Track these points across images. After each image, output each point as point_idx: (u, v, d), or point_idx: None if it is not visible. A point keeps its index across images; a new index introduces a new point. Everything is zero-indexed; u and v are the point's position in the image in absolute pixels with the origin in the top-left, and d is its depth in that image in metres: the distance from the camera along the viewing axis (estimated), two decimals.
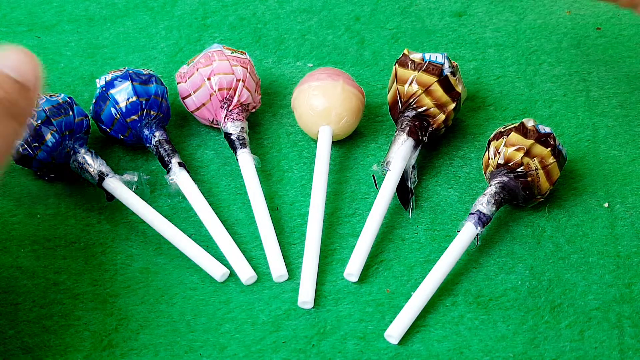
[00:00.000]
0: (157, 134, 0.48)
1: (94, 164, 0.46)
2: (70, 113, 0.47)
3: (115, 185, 0.46)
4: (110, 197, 0.46)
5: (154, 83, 0.48)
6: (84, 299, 0.43)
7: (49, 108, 0.46)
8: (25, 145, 0.45)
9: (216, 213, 0.47)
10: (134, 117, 0.47)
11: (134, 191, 0.46)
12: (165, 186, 0.48)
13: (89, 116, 0.49)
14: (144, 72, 0.49)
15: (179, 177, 0.46)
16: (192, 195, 0.46)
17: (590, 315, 0.42)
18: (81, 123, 0.47)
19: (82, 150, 0.47)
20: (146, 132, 0.48)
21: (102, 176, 0.46)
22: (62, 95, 0.47)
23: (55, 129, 0.45)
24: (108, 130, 0.48)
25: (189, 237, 0.44)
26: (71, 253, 0.45)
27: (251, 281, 0.43)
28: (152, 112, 0.48)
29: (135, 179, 0.47)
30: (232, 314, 0.42)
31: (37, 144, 0.45)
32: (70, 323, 0.42)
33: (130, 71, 0.48)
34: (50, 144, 0.45)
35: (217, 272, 0.43)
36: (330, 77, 0.49)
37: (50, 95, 0.47)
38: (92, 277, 0.44)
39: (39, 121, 0.45)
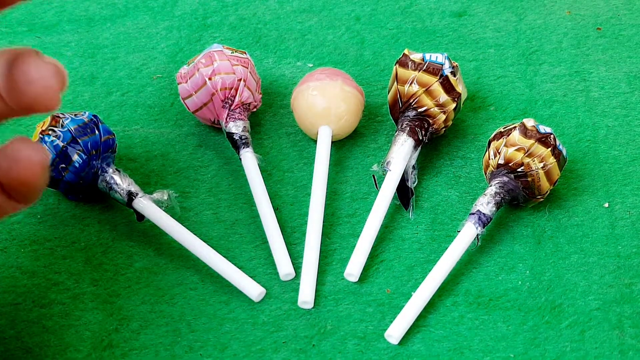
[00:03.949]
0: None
1: (122, 184, 0.45)
2: (96, 132, 0.45)
3: (145, 204, 0.45)
4: (141, 216, 0.45)
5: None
6: (84, 299, 0.43)
7: (74, 128, 0.45)
8: (53, 167, 0.44)
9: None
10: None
11: (164, 210, 0.45)
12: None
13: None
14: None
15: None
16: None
17: (591, 316, 0.42)
18: (107, 142, 0.46)
19: (110, 170, 0.45)
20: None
21: (131, 196, 0.45)
22: (87, 113, 0.46)
23: (81, 149, 0.44)
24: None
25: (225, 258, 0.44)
26: (71, 253, 0.45)
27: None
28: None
29: (165, 197, 0.45)
30: (232, 314, 0.42)
31: (64, 165, 0.44)
32: (70, 323, 0.42)
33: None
34: (77, 164, 0.44)
35: (254, 292, 0.42)
36: (329, 77, 0.49)
37: (75, 115, 0.46)
38: (92, 277, 0.44)
39: (65, 142, 0.44)
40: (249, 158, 0.48)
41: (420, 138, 0.48)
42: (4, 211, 0.30)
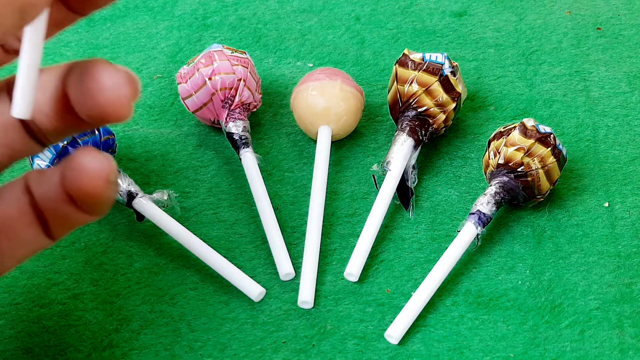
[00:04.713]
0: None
1: (122, 184, 0.45)
2: (96, 132, 0.45)
3: (145, 204, 0.45)
4: (140, 217, 0.45)
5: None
6: (84, 299, 0.43)
7: None
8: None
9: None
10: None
11: (164, 210, 0.45)
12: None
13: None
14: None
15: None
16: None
17: (591, 315, 0.42)
18: (107, 142, 0.46)
19: None
20: None
21: (131, 196, 0.45)
22: None
23: None
24: None
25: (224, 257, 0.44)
26: (71, 253, 0.45)
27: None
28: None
29: (165, 197, 0.45)
30: (232, 314, 0.42)
31: None
32: (70, 323, 0.42)
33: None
34: None
35: (254, 292, 0.42)
36: (329, 77, 0.49)
37: None
38: (92, 277, 0.44)
39: (65, 142, 0.44)
40: (249, 158, 0.48)
41: (420, 138, 0.48)
42: (74, 222, 0.29)
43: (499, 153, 0.45)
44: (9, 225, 0.28)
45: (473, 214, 0.44)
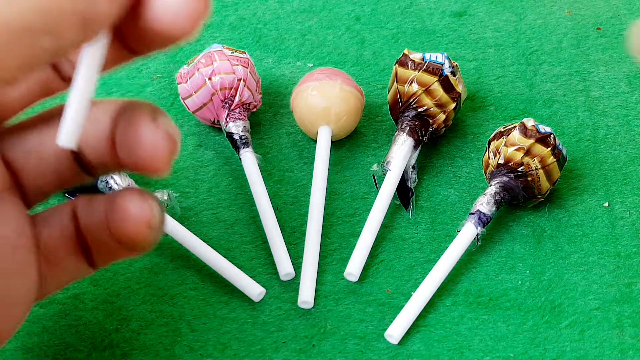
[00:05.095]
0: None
1: (122, 184, 0.45)
2: None
3: None
4: None
5: None
6: (84, 299, 0.43)
7: None
8: None
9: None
10: None
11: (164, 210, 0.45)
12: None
13: None
14: None
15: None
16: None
17: (591, 315, 0.42)
18: None
19: None
20: None
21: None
22: None
23: None
24: None
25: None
26: None
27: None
28: None
29: (165, 197, 0.45)
30: (232, 314, 0.42)
31: None
32: (70, 323, 0.42)
33: None
34: None
35: (254, 291, 0.42)
36: (329, 77, 0.49)
37: None
38: (92, 277, 0.44)
39: None
40: (249, 158, 0.48)
41: (420, 138, 0.48)
42: (116, 256, 0.29)
43: (499, 153, 0.45)
44: (52, 252, 0.28)
45: (473, 214, 0.44)
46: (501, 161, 0.45)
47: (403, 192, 0.47)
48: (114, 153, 0.27)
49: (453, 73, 0.48)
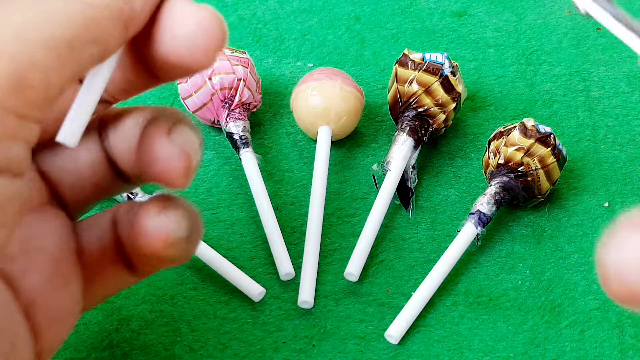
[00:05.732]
0: None
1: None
2: None
3: None
4: None
5: None
6: None
7: None
8: None
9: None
10: None
11: None
12: None
13: None
14: None
15: None
16: None
17: (591, 315, 0.42)
18: None
19: None
20: None
21: (131, 196, 0.45)
22: None
23: None
24: None
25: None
26: None
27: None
28: None
29: None
30: (232, 314, 0.42)
31: None
32: None
33: None
34: None
35: (254, 291, 0.42)
36: (329, 77, 0.49)
37: None
38: None
39: None
40: (249, 158, 0.48)
41: (420, 138, 0.48)
42: (156, 266, 0.28)
43: (499, 153, 0.45)
44: (93, 261, 0.27)
45: (473, 214, 0.44)
46: (501, 161, 0.45)
47: (403, 192, 0.47)
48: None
49: (453, 73, 0.48)
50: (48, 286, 0.25)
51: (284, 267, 0.44)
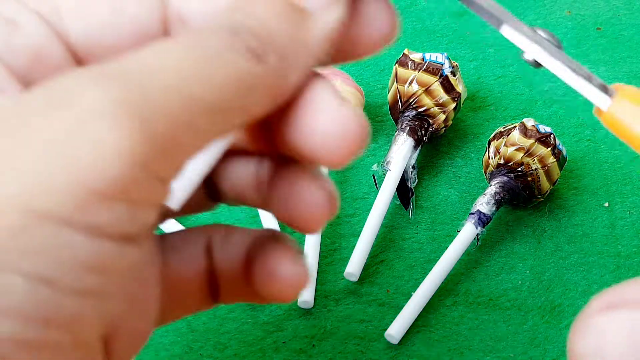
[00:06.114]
0: None
1: None
2: None
3: None
4: None
5: None
6: None
7: None
8: None
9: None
10: None
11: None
12: None
13: None
14: None
15: None
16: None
17: None
18: None
19: None
20: None
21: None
22: None
23: None
24: None
25: None
26: None
27: None
28: None
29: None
30: (232, 314, 0.42)
31: None
32: None
33: None
34: None
35: None
36: (329, 77, 0.49)
37: None
38: None
39: None
40: None
41: (420, 138, 0.48)
42: (246, 300, 0.26)
43: (499, 153, 0.45)
44: (177, 286, 0.25)
45: (473, 214, 0.44)
46: (501, 161, 0.45)
47: (403, 192, 0.47)
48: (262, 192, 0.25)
49: (453, 73, 0.48)
50: (129, 312, 0.23)
51: None
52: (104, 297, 0.19)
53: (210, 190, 0.26)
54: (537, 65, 0.24)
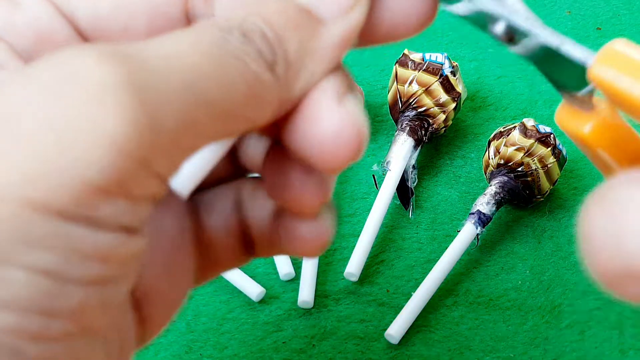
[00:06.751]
0: None
1: None
2: None
3: None
4: None
5: None
6: None
7: None
8: None
9: None
10: None
11: None
12: None
13: None
14: None
15: None
16: None
17: (591, 315, 0.42)
18: None
19: None
20: None
21: None
22: None
23: None
24: None
25: None
26: None
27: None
28: None
29: None
30: (232, 314, 0.42)
31: None
32: None
33: None
34: None
35: (254, 291, 0.43)
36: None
37: None
38: None
39: None
40: None
41: (420, 138, 0.48)
42: (282, 253, 0.26)
43: (499, 153, 0.45)
44: (213, 243, 0.25)
45: (473, 214, 0.44)
46: (501, 161, 0.45)
47: (403, 192, 0.47)
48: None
49: (453, 73, 0.48)
50: (164, 275, 0.23)
51: (284, 267, 0.44)
52: (108, 284, 0.18)
53: (245, 239, 0.26)
54: (509, 37, 0.23)
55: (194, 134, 0.19)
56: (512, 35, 0.23)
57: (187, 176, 0.23)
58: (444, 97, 0.48)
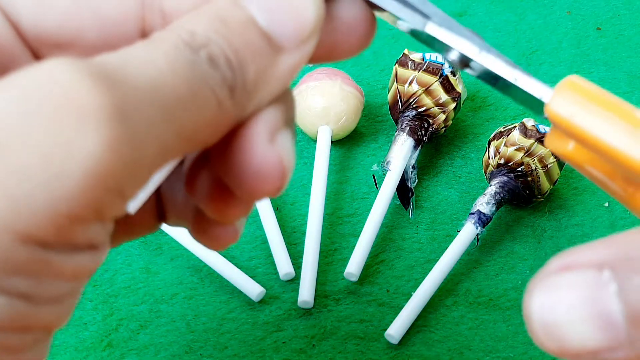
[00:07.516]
0: None
1: None
2: None
3: None
4: None
5: None
6: (84, 299, 0.43)
7: None
8: None
9: None
10: None
11: None
12: None
13: None
14: None
15: None
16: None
17: None
18: None
19: None
20: None
21: None
22: None
23: None
24: None
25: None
26: None
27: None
28: None
29: None
30: (232, 314, 0.42)
31: None
32: (70, 323, 0.41)
33: None
34: None
35: (254, 291, 0.42)
36: (329, 76, 0.49)
37: None
38: (92, 277, 0.44)
39: None
40: None
41: (420, 138, 0.48)
42: (146, 234, 0.26)
43: (499, 153, 0.45)
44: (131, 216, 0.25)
45: (473, 214, 0.44)
46: (501, 161, 0.45)
47: (403, 192, 0.47)
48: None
49: (453, 73, 0.48)
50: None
51: (284, 267, 0.44)
52: (76, 295, 0.20)
53: (158, 209, 0.26)
54: (463, 65, 0.23)
55: (164, 157, 0.19)
56: (467, 62, 0.23)
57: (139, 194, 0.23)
58: (444, 97, 0.48)
